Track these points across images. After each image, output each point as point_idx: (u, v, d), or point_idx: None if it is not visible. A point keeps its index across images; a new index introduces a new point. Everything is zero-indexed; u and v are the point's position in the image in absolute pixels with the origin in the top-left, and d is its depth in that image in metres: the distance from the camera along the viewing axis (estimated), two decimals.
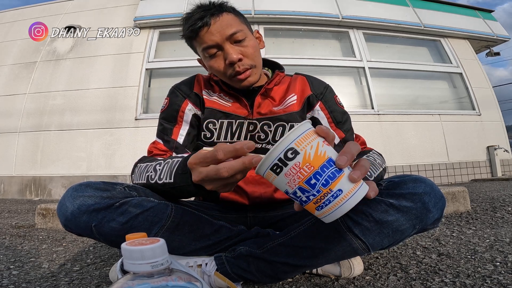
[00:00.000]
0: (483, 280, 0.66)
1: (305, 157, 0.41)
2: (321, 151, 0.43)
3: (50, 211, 1.60)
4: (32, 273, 0.86)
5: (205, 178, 0.50)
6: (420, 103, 4.01)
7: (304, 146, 0.42)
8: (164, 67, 3.67)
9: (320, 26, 3.95)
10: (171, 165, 0.62)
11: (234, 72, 0.76)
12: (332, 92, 0.88)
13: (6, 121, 3.62)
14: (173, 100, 0.84)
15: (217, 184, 0.51)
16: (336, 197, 0.42)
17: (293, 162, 0.42)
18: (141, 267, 0.28)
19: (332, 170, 0.42)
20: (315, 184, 0.41)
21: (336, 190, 0.42)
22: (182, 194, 0.64)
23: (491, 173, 3.83)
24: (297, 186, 0.42)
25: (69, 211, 0.58)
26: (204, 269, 0.66)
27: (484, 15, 4.74)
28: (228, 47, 0.74)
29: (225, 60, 0.75)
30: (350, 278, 0.73)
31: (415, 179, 0.62)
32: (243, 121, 0.80)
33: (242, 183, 0.80)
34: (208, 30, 0.74)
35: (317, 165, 0.42)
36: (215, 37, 0.74)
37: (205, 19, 0.73)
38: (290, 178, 0.42)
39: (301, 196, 0.43)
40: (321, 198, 0.42)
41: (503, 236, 1.05)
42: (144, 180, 0.68)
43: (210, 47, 0.75)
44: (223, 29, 0.74)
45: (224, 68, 0.77)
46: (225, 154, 0.48)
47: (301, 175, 0.42)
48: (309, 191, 0.42)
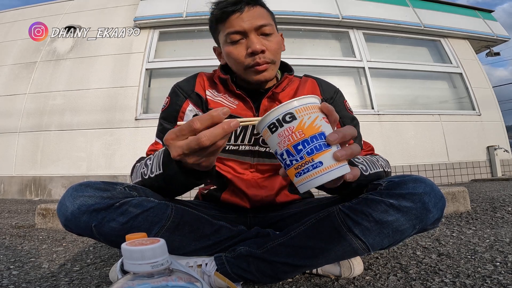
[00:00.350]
0: (483, 280, 0.66)
1: (300, 124, 0.45)
2: (317, 124, 0.45)
3: (50, 211, 1.60)
4: (32, 273, 0.86)
5: (185, 151, 0.48)
6: (420, 103, 4.01)
7: (303, 115, 0.45)
8: (164, 67, 3.67)
9: (320, 26, 3.95)
10: (158, 155, 0.61)
11: (253, 62, 0.74)
12: (342, 97, 0.87)
13: (6, 121, 3.62)
14: (174, 100, 0.82)
15: (198, 156, 0.49)
16: (315, 168, 0.44)
17: (288, 125, 0.45)
18: (141, 267, 0.28)
19: (320, 143, 0.44)
20: (301, 150, 0.44)
21: (317, 161, 0.44)
22: (174, 184, 0.62)
23: (491, 173, 3.83)
24: (285, 148, 0.45)
25: (69, 211, 0.58)
26: (204, 269, 0.66)
27: (484, 15, 4.74)
28: (253, 36, 0.74)
29: (247, 49, 0.74)
30: (350, 278, 0.73)
31: (415, 179, 0.62)
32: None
33: (244, 187, 0.80)
34: (240, 16, 0.73)
35: (308, 134, 0.44)
36: (245, 24, 0.73)
37: (240, 5, 0.73)
38: (282, 139, 0.45)
39: (286, 159, 0.46)
40: (302, 165, 0.44)
41: (503, 236, 1.05)
42: (139, 178, 0.69)
43: (236, 33, 0.74)
44: (254, 18, 0.74)
45: (244, 57, 0.75)
46: (202, 123, 0.46)
47: (292, 138, 0.45)
48: (294, 155, 0.45)
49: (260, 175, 0.81)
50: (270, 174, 0.82)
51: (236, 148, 0.79)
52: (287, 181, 0.84)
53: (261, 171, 0.81)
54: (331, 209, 0.66)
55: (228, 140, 0.78)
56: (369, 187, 0.66)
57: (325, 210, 0.67)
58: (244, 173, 0.81)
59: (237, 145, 0.79)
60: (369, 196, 0.63)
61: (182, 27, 3.83)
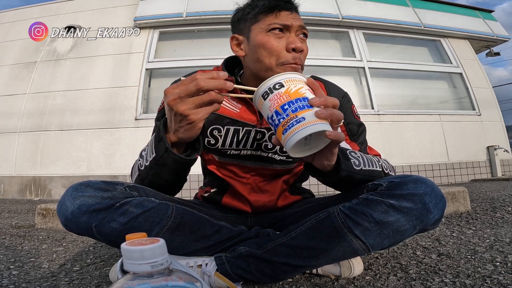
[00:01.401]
0: (483, 280, 0.66)
1: (287, 90, 0.52)
2: (301, 91, 0.53)
3: (50, 211, 1.60)
4: (32, 273, 0.86)
5: (181, 94, 0.53)
6: (420, 103, 4.01)
7: (290, 84, 0.53)
8: (164, 67, 3.67)
9: (320, 26, 3.95)
10: (151, 141, 0.65)
11: (292, 61, 0.71)
12: (350, 102, 0.85)
13: (6, 121, 3.62)
14: None
15: (191, 103, 0.53)
16: (298, 122, 0.49)
17: (277, 91, 0.53)
18: (141, 267, 0.28)
19: (303, 103, 0.51)
20: (287, 109, 0.51)
21: (300, 117, 0.50)
22: (166, 166, 0.63)
23: (491, 173, 3.83)
24: (274, 110, 0.52)
25: (69, 211, 0.58)
26: (204, 269, 0.66)
27: (484, 15, 4.74)
28: (294, 35, 0.73)
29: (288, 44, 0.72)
30: (350, 278, 0.73)
31: (416, 180, 0.62)
32: (251, 129, 0.76)
33: (245, 192, 0.79)
34: (291, 14, 0.74)
35: (293, 97, 0.52)
36: (294, 22, 0.73)
37: (292, 6, 0.75)
38: (272, 103, 0.52)
39: (275, 119, 0.52)
40: (287, 121, 0.50)
41: (503, 236, 1.05)
42: (137, 172, 0.70)
43: (283, 27, 0.72)
44: (299, 20, 0.75)
45: (283, 50, 0.71)
46: (202, 74, 0.53)
47: (279, 100, 0.52)
48: (281, 114, 0.51)
49: (261, 179, 0.81)
50: (271, 178, 0.81)
51: (238, 152, 0.78)
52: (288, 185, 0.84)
53: (262, 175, 0.81)
54: (331, 210, 0.66)
55: (230, 144, 0.77)
56: (369, 187, 0.66)
57: (325, 210, 0.67)
58: (245, 177, 0.80)
59: (239, 149, 0.78)
60: (370, 196, 0.63)
61: (182, 27, 3.83)
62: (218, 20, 3.64)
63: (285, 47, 0.71)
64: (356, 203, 0.63)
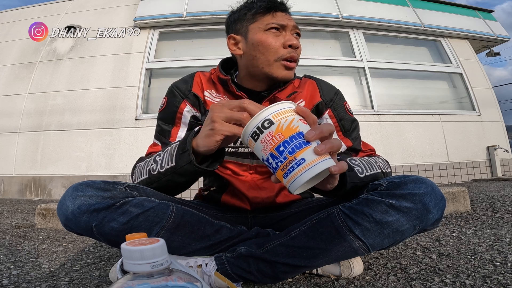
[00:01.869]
0: (483, 280, 0.66)
1: (278, 127, 0.47)
2: (294, 125, 0.48)
3: (50, 211, 1.60)
4: (32, 273, 0.86)
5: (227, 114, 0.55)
6: (420, 103, 4.01)
7: (280, 119, 0.48)
8: (164, 67, 3.67)
9: (320, 26, 3.95)
10: (171, 150, 0.64)
11: (288, 55, 0.75)
12: (342, 99, 0.86)
13: (6, 121, 3.62)
14: (171, 101, 0.81)
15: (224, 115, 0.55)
16: (299, 165, 0.46)
17: (268, 131, 0.48)
18: (141, 267, 0.28)
19: (300, 141, 0.47)
20: (283, 151, 0.47)
21: (300, 158, 0.46)
22: (184, 178, 0.64)
23: (491, 173, 3.82)
24: (269, 152, 0.48)
25: (70, 210, 0.58)
26: (204, 269, 0.66)
27: (484, 15, 4.74)
28: (289, 33, 0.78)
29: (285, 42, 0.76)
30: (350, 278, 0.73)
31: (416, 180, 0.62)
32: None
33: (244, 189, 0.80)
34: (285, 14, 0.79)
35: (287, 135, 0.47)
36: (289, 21, 0.77)
37: (286, 7, 0.80)
38: (264, 145, 0.48)
39: (272, 162, 0.48)
40: (286, 164, 0.46)
41: (503, 236, 1.05)
42: (146, 175, 0.69)
43: (280, 26, 0.76)
44: (294, 21, 0.79)
45: (280, 47, 0.76)
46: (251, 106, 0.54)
47: (273, 142, 0.47)
48: (278, 157, 0.47)
49: (259, 177, 0.81)
50: (269, 176, 0.82)
51: (236, 150, 0.79)
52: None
53: (260, 173, 0.81)
54: (331, 209, 0.66)
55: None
56: (369, 187, 0.66)
57: (325, 210, 0.67)
58: (244, 175, 0.81)
59: (236, 147, 0.79)
60: (370, 196, 0.63)
61: (182, 27, 3.83)
62: (218, 20, 3.64)
63: (282, 44, 0.75)
64: (356, 203, 0.63)
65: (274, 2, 0.78)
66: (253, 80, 0.81)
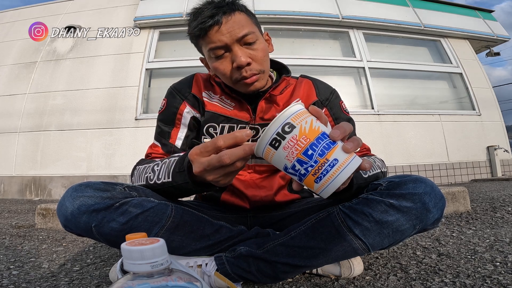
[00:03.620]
0: (483, 280, 0.66)
1: (301, 130, 0.44)
2: (315, 126, 0.45)
3: (50, 211, 1.60)
4: (32, 273, 0.86)
5: (207, 167, 0.51)
6: (420, 103, 4.01)
7: (300, 121, 0.45)
8: (164, 67, 3.67)
9: (320, 26, 3.95)
10: (169, 164, 0.63)
11: (240, 76, 0.71)
12: (338, 98, 0.86)
13: (6, 121, 3.62)
14: (171, 102, 0.81)
15: (218, 173, 0.51)
16: (333, 166, 0.43)
17: (291, 135, 0.44)
18: (141, 267, 0.28)
19: (327, 142, 0.44)
20: (312, 154, 0.43)
21: (332, 159, 0.43)
22: (182, 192, 0.64)
23: (491, 173, 3.82)
24: (295, 159, 0.44)
25: (69, 211, 0.58)
26: (204, 269, 0.66)
27: (484, 15, 4.74)
28: (237, 49, 0.69)
29: (233, 63, 0.70)
30: (350, 278, 0.73)
31: (415, 179, 0.62)
32: (245, 126, 0.78)
33: (243, 187, 0.80)
34: (219, 30, 0.68)
35: (313, 137, 0.44)
36: (225, 38, 0.68)
37: (217, 18, 0.67)
38: (288, 151, 0.44)
39: (299, 169, 0.44)
40: (319, 168, 0.43)
41: (503, 236, 1.05)
42: (143, 181, 0.69)
43: (218, 48, 0.70)
44: (234, 29, 0.69)
45: (231, 72, 0.72)
46: (225, 142, 0.49)
47: (299, 147, 0.44)
48: (307, 162, 0.43)
49: (258, 176, 0.81)
50: (268, 175, 0.82)
51: None
52: (285, 181, 0.84)
53: (259, 172, 0.81)
54: (331, 209, 0.66)
55: None
56: (369, 187, 0.66)
57: (325, 210, 0.67)
58: (242, 174, 0.81)
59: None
60: (369, 196, 0.63)
61: (182, 27, 3.83)
62: None
63: (230, 66, 0.71)
64: (356, 202, 0.63)
65: (201, 22, 0.68)
66: None
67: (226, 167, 0.50)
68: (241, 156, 0.49)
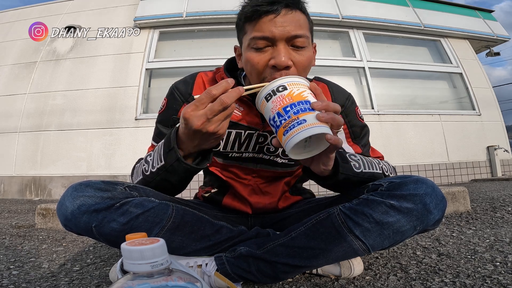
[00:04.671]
0: (483, 280, 0.66)
1: (289, 93, 0.54)
2: (304, 94, 0.54)
3: (50, 211, 1.59)
4: (32, 273, 0.86)
5: (209, 116, 0.54)
6: (420, 103, 4.01)
7: (293, 87, 0.55)
8: (164, 67, 3.67)
9: (320, 26, 3.94)
10: (159, 148, 0.64)
11: (270, 77, 0.63)
12: (354, 104, 0.82)
13: (6, 121, 3.62)
14: (171, 103, 0.78)
15: (218, 120, 0.55)
16: (299, 124, 0.50)
17: (280, 94, 0.54)
18: (141, 267, 0.28)
19: (305, 106, 0.52)
20: (289, 111, 0.52)
21: (302, 119, 0.51)
22: (175, 174, 0.64)
23: (491, 173, 3.82)
24: (276, 111, 0.53)
25: (69, 211, 0.58)
26: (204, 269, 0.66)
27: (484, 15, 4.73)
28: (282, 47, 0.63)
29: (270, 59, 0.63)
30: (350, 278, 0.73)
31: (416, 180, 0.62)
32: (253, 132, 0.75)
33: (246, 194, 0.79)
34: (273, 20, 0.62)
35: (296, 100, 0.53)
36: (276, 30, 0.62)
37: (276, 6, 0.62)
38: (274, 105, 0.54)
39: (276, 120, 0.53)
40: (288, 123, 0.51)
41: (503, 236, 1.05)
42: (140, 176, 0.69)
43: (263, 38, 0.63)
44: (289, 25, 0.62)
45: (264, 68, 0.64)
46: (218, 89, 0.53)
47: (282, 103, 0.53)
48: (283, 115, 0.52)
49: (262, 181, 0.81)
50: (273, 180, 0.81)
51: (239, 155, 0.78)
52: (289, 186, 0.84)
53: (264, 177, 0.81)
54: (332, 210, 0.66)
55: (232, 147, 0.76)
56: (369, 188, 0.66)
57: (325, 211, 0.67)
58: (247, 178, 0.80)
59: (241, 152, 0.77)
60: (370, 197, 0.63)
61: (182, 27, 3.83)
62: (218, 20, 3.64)
63: (266, 62, 0.64)
64: (357, 203, 0.63)
65: (258, 4, 0.63)
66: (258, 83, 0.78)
67: (225, 111, 0.54)
68: (236, 97, 0.54)
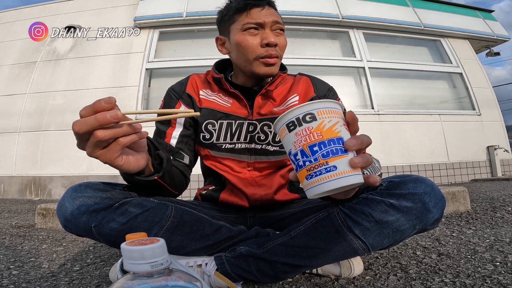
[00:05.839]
0: (483, 280, 0.66)
1: (319, 126, 0.44)
2: (337, 128, 0.44)
3: (50, 211, 1.60)
4: (32, 273, 0.86)
5: (76, 139, 0.48)
6: (420, 103, 4.01)
7: (324, 117, 0.44)
8: (164, 67, 3.67)
9: (320, 26, 3.95)
10: None
11: (266, 53, 0.76)
12: (335, 95, 0.88)
13: (6, 121, 3.62)
14: (167, 102, 0.84)
15: (89, 146, 0.48)
16: (328, 171, 0.42)
17: (307, 125, 0.44)
18: (140, 267, 0.28)
19: (337, 147, 0.43)
20: (316, 151, 0.43)
21: (332, 165, 0.42)
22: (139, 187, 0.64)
23: (491, 173, 3.82)
24: (300, 148, 0.44)
25: (69, 211, 0.58)
26: (204, 269, 0.66)
27: (484, 15, 4.74)
28: (268, 31, 0.77)
29: (262, 40, 0.76)
30: (350, 278, 0.73)
31: (416, 179, 0.62)
32: (243, 121, 0.80)
33: (242, 185, 0.80)
34: (261, 11, 0.78)
35: (326, 137, 0.43)
36: (265, 18, 0.77)
37: (263, 2, 0.79)
38: (298, 138, 0.44)
39: (299, 159, 0.44)
40: (315, 167, 0.43)
41: (503, 236, 1.05)
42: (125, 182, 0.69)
43: (256, 24, 0.77)
44: (272, 16, 0.78)
45: (257, 46, 0.77)
46: (85, 111, 0.44)
47: (308, 138, 0.44)
48: (308, 156, 0.43)
49: (258, 173, 0.81)
50: (268, 172, 0.82)
51: (232, 146, 0.80)
52: (286, 180, 0.84)
53: (259, 169, 0.81)
54: (331, 209, 0.66)
55: (224, 138, 0.79)
56: (369, 187, 0.66)
57: (325, 210, 0.67)
58: (242, 172, 0.81)
59: (233, 143, 0.80)
60: (369, 196, 0.63)
61: (182, 27, 3.83)
62: None
63: (260, 43, 0.76)
64: (356, 202, 0.63)
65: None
66: (244, 77, 0.83)
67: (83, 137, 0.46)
68: (91, 125, 0.43)
